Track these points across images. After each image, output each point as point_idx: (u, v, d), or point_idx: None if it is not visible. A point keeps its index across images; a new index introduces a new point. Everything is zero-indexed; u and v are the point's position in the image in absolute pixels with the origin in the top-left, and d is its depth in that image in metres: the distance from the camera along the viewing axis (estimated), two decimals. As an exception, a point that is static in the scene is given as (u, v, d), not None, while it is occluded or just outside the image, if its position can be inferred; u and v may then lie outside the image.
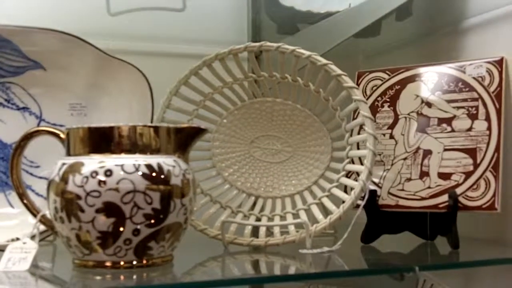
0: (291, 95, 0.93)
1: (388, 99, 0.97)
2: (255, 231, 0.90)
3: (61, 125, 0.85)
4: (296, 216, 0.90)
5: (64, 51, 0.85)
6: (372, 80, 0.99)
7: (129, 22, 0.99)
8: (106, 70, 0.86)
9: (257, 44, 0.90)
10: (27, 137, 0.76)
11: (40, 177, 0.89)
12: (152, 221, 0.69)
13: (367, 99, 0.96)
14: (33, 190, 0.88)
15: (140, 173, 0.69)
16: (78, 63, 0.86)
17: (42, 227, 0.76)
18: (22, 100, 0.89)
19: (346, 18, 0.98)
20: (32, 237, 0.75)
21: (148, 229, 0.70)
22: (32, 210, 0.76)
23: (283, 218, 0.91)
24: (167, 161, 0.72)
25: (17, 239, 0.82)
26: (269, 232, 0.90)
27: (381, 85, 0.98)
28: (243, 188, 0.95)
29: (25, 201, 0.76)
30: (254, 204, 0.94)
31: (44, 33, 0.84)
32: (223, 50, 0.92)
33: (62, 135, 0.75)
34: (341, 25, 0.99)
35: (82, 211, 0.68)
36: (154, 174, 0.70)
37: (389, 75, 0.98)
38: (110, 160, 0.69)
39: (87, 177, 0.68)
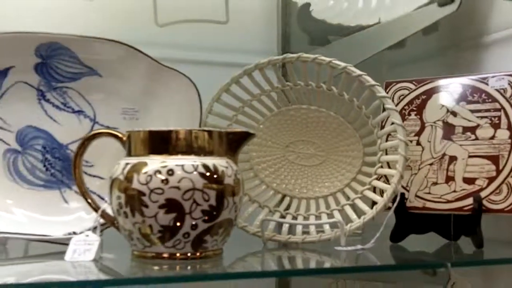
0: (325, 103, 1.00)
1: (414, 108, 1.03)
2: (292, 230, 0.96)
3: (114, 128, 0.91)
4: (330, 216, 0.96)
5: (119, 59, 0.92)
6: (399, 90, 1.05)
7: (174, 33, 1.06)
8: (157, 77, 0.92)
9: (295, 55, 0.96)
10: (90, 138, 0.83)
11: (94, 176, 0.95)
12: (208, 216, 0.76)
13: (394, 108, 1.03)
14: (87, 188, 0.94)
15: (198, 172, 0.76)
16: (131, 71, 0.92)
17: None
18: (78, 103, 0.95)
19: (377, 33, 1.05)
20: (93, 230, 0.81)
21: (205, 224, 0.76)
22: (94, 205, 0.83)
23: (318, 217, 0.97)
24: (220, 162, 0.78)
25: (74, 233, 0.89)
26: (305, 230, 0.96)
27: (408, 94, 1.04)
28: (279, 189, 1.02)
29: (87, 198, 0.83)
30: (289, 204, 1.01)
31: (100, 42, 0.91)
32: (262, 61, 0.98)
33: (123, 137, 0.81)
34: (372, 40, 1.06)
35: (146, 206, 0.75)
36: (210, 174, 0.76)
37: (415, 85, 1.05)
38: (171, 161, 0.76)
39: (151, 175, 0.75)
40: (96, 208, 0.83)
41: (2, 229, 0.88)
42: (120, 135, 0.82)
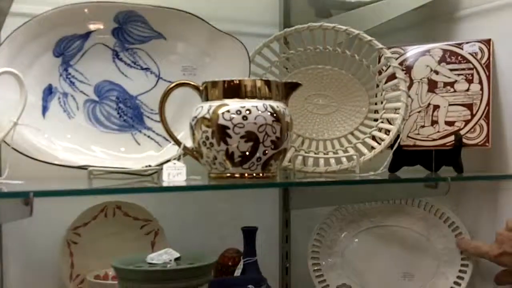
0: (338, 63, 1.25)
1: (404, 68, 1.30)
2: (315, 163, 1.21)
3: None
4: (345, 151, 1.22)
5: (183, 25, 1.13)
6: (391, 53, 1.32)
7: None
8: (214, 40, 1.14)
9: (317, 24, 1.21)
10: (173, 88, 1.04)
11: (158, 121, 1.16)
12: (275, 145, 1.00)
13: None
14: (154, 131, 1.16)
15: (268, 112, 0.99)
16: (192, 35, 1.14)
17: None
18: (145, 62, 1.16)
19: (375, 10, 1.30)
20: (178, 159, 1.03)
21: (272, 151, 1.00)
22: (177, 140, 1.05)
23: (335, 153, 1.23)
24: (280, 105, 1.02)
25: (149, 165, 1.10)
26: (327, 163, 1.21)
27: (398, 57, 1.31)
28: (300, 133, 1.26)
29: (172, 135, 1.05)
30: (310, 145, 1.25)
31: (168, 11, 1.12)
32: (289, 29, 1.22)
33: (200, 87, 1.03)
34: (371, 15, 1.31)
35: (230, 137, 0.98)
36: (275, 113, 1.00)
37: (404, 50, 1.31)
38: (247, 103, 0.99)
39: (233, 113, 0.98)
40: (179, 142, 1.04)
41: (85, 163, 1.08)
42: (197, 85, 1.04)
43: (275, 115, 1.00)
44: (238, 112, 0.98)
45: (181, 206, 1.35)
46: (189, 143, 1.05)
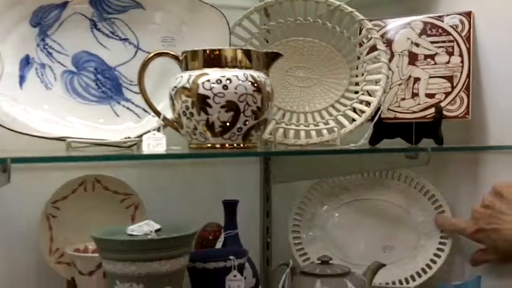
0: (319, 35, 1.24)
1: (385, 41, 1.29)
2: (296, 135, 1.21)
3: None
4: (326, 124, 1.21)
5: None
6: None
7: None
8: (194, 10, 1.13)
9: (296, -4, 1.20)
10: (152, 58, 1.03)
11: (137, 92, 1.15)
12: (256, 115, 0.99)
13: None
14: (133, 102, 1.15)
15: (249, 81, 0.98)
16: (171, 4, 1.13)
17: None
18: (124, 32, 1.15)
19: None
20: (158, 130, 1.02)
21: (253, 121, 0.99)
22: (156, 111, 1.04)
23: (316, 125, 1.22)
24: (260, 75, 1.02)
25: (128, 137, 1.09)
26: (308, 135, 1.21)
27: (379, 30, 1.30)
28: (281, 106, 1.26)
29: (151, 106, 1.04)
30: (291, 118, 1.25)
31: (146, -19, 1.11)
32: (269, 0, 1.21)
33: (180, 57, 1.02)
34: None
35: (210, 107, 0.97)
36: (256, 82, 0.99)
37: (384, 23, 1.31)
38: (227, 72, 0.98)
39: (214, 83, 0.97)
40: (158, 113, 1.03)
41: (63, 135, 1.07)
42: (177, 55, 1.03)
43: (255, 84, 0.99)
44: (219, 81, 0.97)
45: (161, 181, 1.34)
46: (169, 115, 1.04)
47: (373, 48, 1.19)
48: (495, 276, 1.22)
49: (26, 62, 1.09)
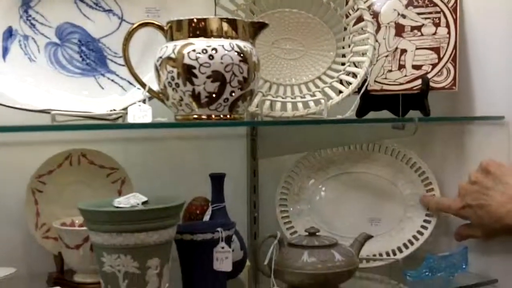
0: (305, 6, 1.23)
1: (372, 13, 1.29)
2: (283, 108, 1.20)
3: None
4: (313, 96, 1.21)
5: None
6: (359, -2, 1.30)
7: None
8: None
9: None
10: (136, 28, 1.02)
11: (122, 65, 1.13)
12: (242, 86, 0.99)
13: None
14: (117, 75, 1.13)
15: (235, 51, 0.97)
16: (156, -25, 1.11)
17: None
18: (108, 3, 1.13)
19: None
20: (143, 102, 1.01)
21: (239, 91, 0.99)
22: (141, 82, 1.03)
23: (303, 98, 1.21)
24: (247, 45, 1.01)
25: (113, 110, 1.08)
26: (294, 108, 1.20)
27: (366, 1, 1.29)
28: (267, 78, 1.25)
29: (136, 77, 1.02)
30: (277, 90, 1.24)
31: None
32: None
33: (165, 27, 1.01)
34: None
35: (196, 77, 0.96)
36: (242, 52, 0.98)
37: (371, -6, 1.30)
38: (213, 42, 0.97)
39: (199, 53, 0.96)
40: (144, 84, 1.02)
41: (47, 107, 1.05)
42: (162, 25, 1.01)
43: (242, 54, 0.98)
44: (204, 51, 0.96)
45: (148, 156, 1.33)
46: (154, 87, 1.03)
47: (360, 19, 1.19)
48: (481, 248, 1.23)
49: (9, 34, 1.08)
